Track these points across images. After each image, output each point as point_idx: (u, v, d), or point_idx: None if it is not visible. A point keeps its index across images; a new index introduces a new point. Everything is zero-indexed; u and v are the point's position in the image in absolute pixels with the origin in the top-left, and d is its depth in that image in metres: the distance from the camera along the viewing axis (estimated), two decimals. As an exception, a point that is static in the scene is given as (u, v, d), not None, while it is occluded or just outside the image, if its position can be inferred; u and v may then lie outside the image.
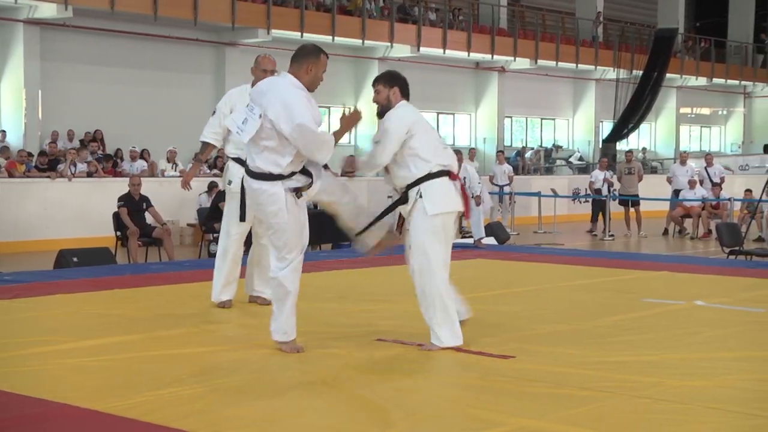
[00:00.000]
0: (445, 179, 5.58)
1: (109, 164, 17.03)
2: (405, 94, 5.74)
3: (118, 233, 13.11)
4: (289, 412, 4.29)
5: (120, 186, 13.94)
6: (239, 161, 6.71)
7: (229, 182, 7.00)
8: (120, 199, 13.14)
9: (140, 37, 19.79)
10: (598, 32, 29.58)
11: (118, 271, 9.60)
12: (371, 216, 5.80)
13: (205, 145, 7.30)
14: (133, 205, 13.12)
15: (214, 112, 7.26)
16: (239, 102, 6.64)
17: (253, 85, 6.85)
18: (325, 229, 14.39)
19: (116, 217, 13.06)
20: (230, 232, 7.04)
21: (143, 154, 18.31)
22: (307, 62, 5.46)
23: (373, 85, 5.87)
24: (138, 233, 12.83)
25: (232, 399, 4.49)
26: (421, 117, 5.78)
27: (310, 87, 5.47)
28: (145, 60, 20.06)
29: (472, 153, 21.24)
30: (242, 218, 6.07)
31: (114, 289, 8.13)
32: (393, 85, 5.71)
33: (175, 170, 17.98)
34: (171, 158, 18.16)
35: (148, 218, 13.35)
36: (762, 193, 12.46)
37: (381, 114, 5.73)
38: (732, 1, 35.45)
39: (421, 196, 5.53)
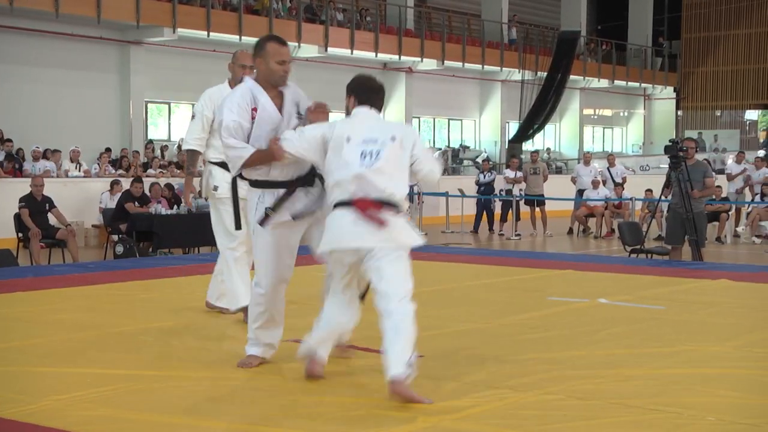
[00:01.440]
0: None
1: (11, 164, 16.56)
2: (364, 102, 4.97)
3: (20, 235, 12.79)
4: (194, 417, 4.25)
5: (23, 186, 13.60)
6: (223, 165, 6.30)
7: (215, 188, 6.65)
8: (21, 200, 12.83)
9: (41, 34, 19.29)
10: (512, 33, 30.01)
11: (20, 273, 9.35)
12: None
13: (192, 154, 6.82)
14: (35, 206, 12.82)
15: (194, 116, 6.87)
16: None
17: (231, 81, 6.59)
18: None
19: (18, 218, 12.74)
20: (229, 244, 6.67)
21: (46, 154, 17.88)
22: (256, 57, 5.03)
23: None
24: (40, 235, 12.54)
25: (138, 402, 4.42)
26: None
27: (270, 82, 4.99)
28: (48, 58, 19.57)
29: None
30: (238, 226, 5.69)
31: (16, 291, 7.92)
32: (349, 95, 5.02)
33: (79, 170, 17.60)
34: (74, 158, 17.77)
35: (52, 219, 13.05)
36: (661, 193, 12.80)
37: None
38: (632, 6, 36.37)
39: None
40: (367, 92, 4.95)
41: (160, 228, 13.40)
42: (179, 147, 20.50)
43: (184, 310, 7.27)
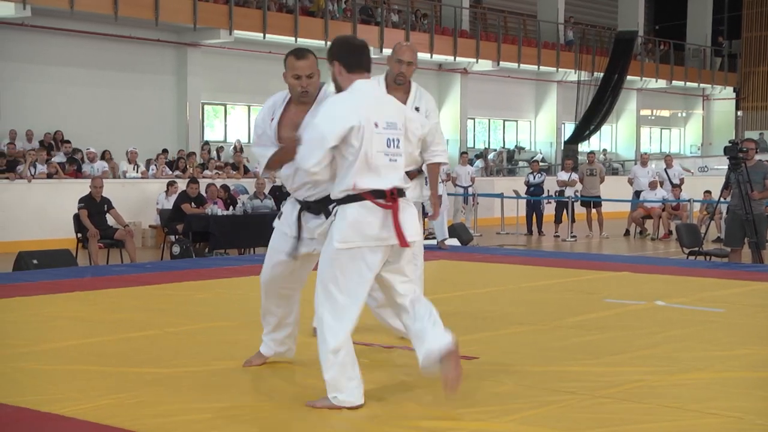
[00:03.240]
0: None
1: (73, 167, 16.86)
2: (352, 67, 4.47)
3: (79, 235, 13.00)
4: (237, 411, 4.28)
5: (81, 187, 13.83)
6: None
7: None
8: (80, 200, 13.04)
9: (100, 37, 19.61)
10: (570, 35, 29.80)
11: (79, 273, 9.50)
12: None
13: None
14: (94, 206, 13.02)
15: None
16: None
17: (386, 77, 5.93)
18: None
19: (77, 219, 12.95)
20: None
21: (104, 156, 18.16)
22: (284, 74, 4.79)
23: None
24: (98, 235, 12.73)
25: (194, 399, 4.46)
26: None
27: (293, 96, 4.76)
28: (106, 60, 19.89)
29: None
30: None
31: (74, 291, 8.05)
32: (332, 60, 4.50)
33: (137, 171, 17.85)
34: (132, 159, 18.03)
35: (110, 220, 13.25)
36: (720, 195, 12.60)
37: None
38: (690, 5, 35.88)
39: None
40: (356, 57, 4.37)
41: (216, 229, 13.53)
42: (235, 148, 20.69)
43: (241, 310, 7.32)
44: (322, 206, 4.59)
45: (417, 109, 5.81)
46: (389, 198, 4.22)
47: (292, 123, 4.65)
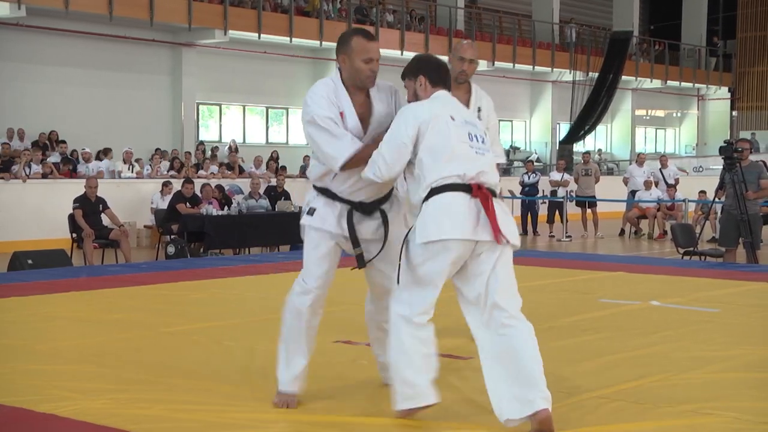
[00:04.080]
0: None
1: (68, 167, 16.84)
2: (437, 82, 4.28)
3: (74, 235, 12.99)
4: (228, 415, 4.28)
5: (76, 187, 13.81)
6: None
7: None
8: (75, 200, 13.03)
9: (95, 37, 19.58)
10: (572, 35, 29.81)
11: (74, 273, 9.50)
12: None
13: None
14: (89, 206, 13.00)
15: None
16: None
17: (451, 76, 5.98)
18: (283, 230, 14.45)
19: (72, 219, 12.94)
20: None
21: (99, 155, 18.14)
22: (340, 53, 4.33)
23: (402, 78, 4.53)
24: (93, 235, 12.72)
25: (189, 399, 4.46)
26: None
27: (354, 82, 4.29)
28: (101, 60, 19.86)
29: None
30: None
31: (70, 291, 8.05)
32: (417, 74, 4.29)
33: (132, 171, 17.83)
34: (127, 159, 18.01)
35: (105, 220, 13.24)
36: (715, 195, 12.61)
37: None
38: (685, 5, 35.92)
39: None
40: (440, 73, 4.29)
41: (211, 229, 13.52)
42: (230, 148, 20.67)
43: (236, 310, 7.33)
44: (375, 207, 4.38)
45: (479, 108, 5.73)
46: (476, 190, 3.97)
47: (360, 113, 4.32)
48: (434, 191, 3.98)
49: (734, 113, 36.30)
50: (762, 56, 35.19)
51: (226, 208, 14.74)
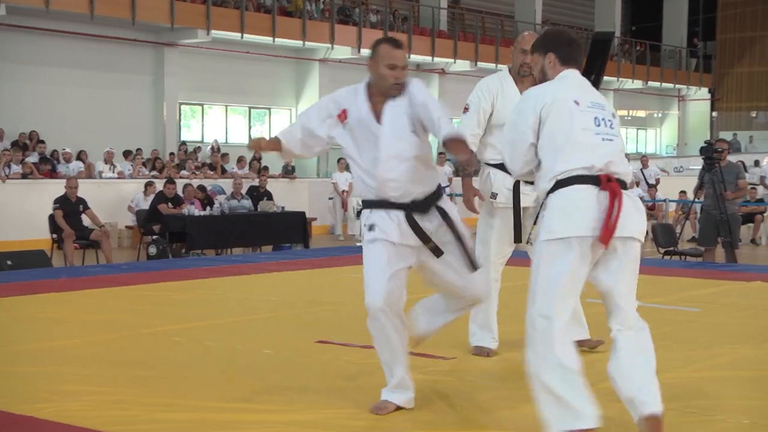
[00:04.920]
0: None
1: (47, 167, 16.74)
2: (567, 61, 4.05)
3: (54, 236, 12.91)
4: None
5: (57, 188, 13.73)
6: (503, 168, 5.18)
7: (494, 195, 5.48)
8: (56, 201, 12.96)
9: (76, 36, 19.47)
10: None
11: (54, 274, 9.44)
12: None
13: None
14: (70, 207, 12.94)
15: (467, 108, 5.61)
16: (500, 94, 5.47)
17: (511, 69, 5.62)
18: (265, 231, 14.42)
19: (52, 219, 12.87)
20: (492, 259, 5.57)
21: (80, 156, 18.05)
22: (369, 60, 4.40)
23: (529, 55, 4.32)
24: (74, 236, 12.65)
25: (170, 400, 4.44)
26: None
27: (379, 89, 4.31)
28: (82, 60, 19.75)
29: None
30: (518, 239, 5.31)
31: (50, 292, 8.00)
32: (547, 51, 4.05)
33: (113, 172, 17.75)
34: (108, 159, 17.92)
35: (86, 220, 13.17)
36: (694, 195, 12.68)
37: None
38: (666, 7, 36.09)
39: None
40: (571, 51, 4.04)
41: (193, 229, 13.48)
42: (212, 148, 20.62)
43: (218, 311, 7.31)
44: (430, 203, 4.31)
45: None
46: (605, 182, 3.69)
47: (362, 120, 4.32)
48: (560, 183, 3.71)
49: (714, 114, 36.49)
50: (741, 57, 35.40)
51: (208, 208, 14.69)
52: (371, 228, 4.25)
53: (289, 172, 19.96)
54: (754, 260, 13.59)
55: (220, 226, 13.89)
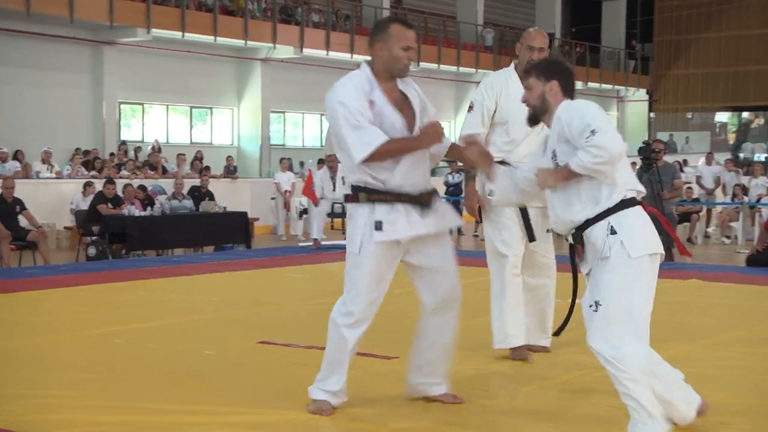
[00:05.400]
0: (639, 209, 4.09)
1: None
2: (568, 92, 4.17)
3: (-10, 237, 12.67)
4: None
5: (-8, 188, 13.47)
6: (505, 165, 5.27)
7: (491, 192, 5.30)
8: (-9, 201, 12.72)
9: (12, 33, 19.12)
10: (488, 39, 30.08)
11: (-9, 276, 9.28)
12: None
13: None
14: (6, 207, 12.71)
15: (471, 107, 5.53)
16: (504, 92, 5.40)
17: (517, 67, 5.52)
18: (207, 231, 14.32)
19: (-12, 220, 12.63)
20: (504, 252, 5.51)
21: (17, 155, 17.73)
22: (375, 41, 4.24)
23: (525, 77, 4.29)
24: (10, 237, 12.43)
25: (112, 405, 4.40)
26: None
27: (390, 72, 4.22)
28: (19, 58, 19.40)
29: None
30: (532, 238, 5.33)
31: (-14, 294, 7.86)
32: (550, 78, 4.11)
33: (51, 171, 17.47)
34: (46, 159, 17.64)
35: (23, 221, 12.95)
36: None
37: (533, 120, 4.20)
38: (605, 9, 36.60)
39: (614, 232, 3.93)
40: (572, 82, 4.21)
41: (133, 230, 13.33)
42: (153, 148, 20.42)
43: (159, 312, 7.25)
44: (432, 196, 4.27)
45: None
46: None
47: (394, 102, 4.20)
48: (626, 203, 3.98)
49: (652, 115, 37.11)
50: (678, 59, 36.04)
51: (148, 208, 14.55)
52: (378, 227, 4.12)
53: (231, 172, 19.84)
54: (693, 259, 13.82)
55: (161, 227, 13.76)
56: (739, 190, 17.86)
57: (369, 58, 4.36)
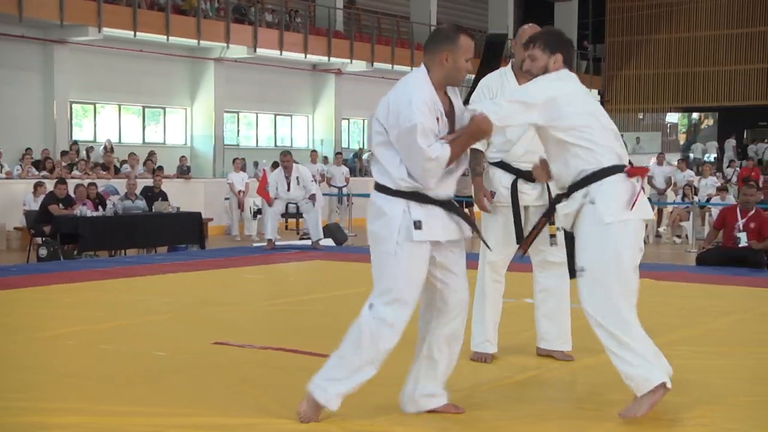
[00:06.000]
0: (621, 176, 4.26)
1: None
2: (569, 64, 4.44)
3: (-62, 238, 12.48)
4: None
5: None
6: (503, 166, 5.40)
7: (492, 194, 5.43)
8: (-61, 202, 12.52)
9: (-40, 32, 18.84)
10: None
11: (-61, 278, 9.13)
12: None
13: (475, 152, 5.37)
14: (-45, 208, 12.52)
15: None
16: (501, 91, 5.40)
17: (512, 66, 5.59)
18: (160, 232, 14.21)
19: (-64, 221, 12.43)
20: (489, 259, 5.48)
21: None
22: (442, 50, 4.20)
23: (526, 46, 4.49)
24: (-40, 238, 12.25)
25: (60, 407, 4.36)
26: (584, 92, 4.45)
27: (449, 81, 4.24)
28: (-34, 56, 19.12)
29: (314, 155, 21.27)
30: (520, 239, 5.20)
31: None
32: (555, 51, 4.39)
33: (1, 171, 17.23)
34: (-5, 159, 17.40)
35: (-28, 222, 12.76)
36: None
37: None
38: (557, 10, 36.94)
39: (592, 202, 4.17)
40: (572, 54, 4.51)
41: (85, 230, 13.19)
42: (105, 148, 20.21)
43: (111, 313, 7.19)
44: (455, 203, 4.29)
45: None
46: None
47: (447, 111, 4.24)
48: (607, 171, 4.28)
49: (604, 115, 37.50)
50: (629, 60, 36.48)
51: (100, 209, 14.41)
52: (418, 226, 4.09)
53: (184, 172, 19.72)
54: (642, 258, 13.99)
55: (114, 227, 13.63)
56: (690, 190, 18.13)
57: (323, 58, 4.34)
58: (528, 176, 5.18)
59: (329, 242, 13.70)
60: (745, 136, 34.61)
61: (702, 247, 11.20)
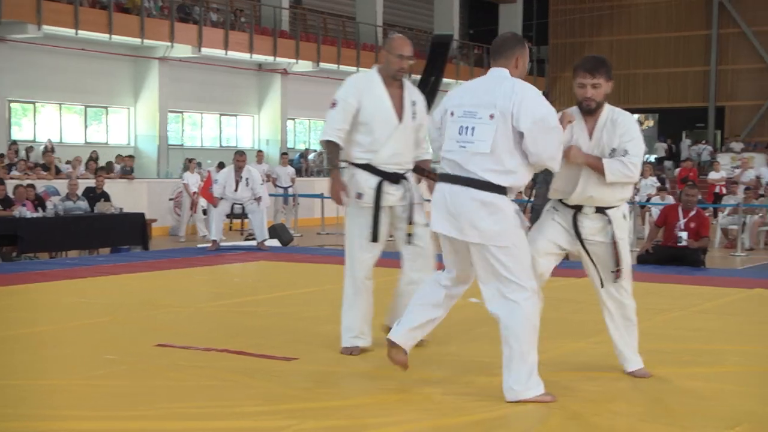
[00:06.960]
0: None
1: None
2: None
3: None
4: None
5: None
6: (368, 168, 5.51)
7: (359, 195, 5.53)
8: None
9: None
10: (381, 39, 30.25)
11: None
12: None
13: (333, 146, 5.51)
14: None
15: (335, 104, 5.57)
16: (367, 92, 5.51)
17: (380, 70, 5.63)
18: (102, 233, 14.03)
19: None
20: (360, 257, 5.68)
21: None
22: (515, 54, 4.65)
23: (593, 74, 5.06)
24: None
25: (7, 413, 4.29)
26: None
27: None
28: None
29: (261, 155, 21.17)
30: (375, 238, 5.53)
31: None
32: (610, 79, 5.02)
33: (-62, 172, 16.86)
34: (-68, 159, 17.03)
35: None
36: (527, 194, 13.12)
37: (590, 113, 5.05)
38: (502, 12, 37.22)
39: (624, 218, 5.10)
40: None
41: (25, 232, 12.97)
42: (46, 148, 19.90)
43: (52, 316, 7.08)
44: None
45: (414, 103, 5.64)
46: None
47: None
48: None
49: (548, 116, 37.89)
50: (572, 62, 36.68)
51: (40, 210, 14.18)
52: (521, 218, 4.61)
53: (127, 172, 19.48)
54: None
55: (55, 229, 13.42)
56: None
57: (269, 57, 4.38)
58: (393, 178, 5.45)
59: (275, 243, 13.64)
60: (683, 137, 35.25)
61: (646, 250, 11.35)
